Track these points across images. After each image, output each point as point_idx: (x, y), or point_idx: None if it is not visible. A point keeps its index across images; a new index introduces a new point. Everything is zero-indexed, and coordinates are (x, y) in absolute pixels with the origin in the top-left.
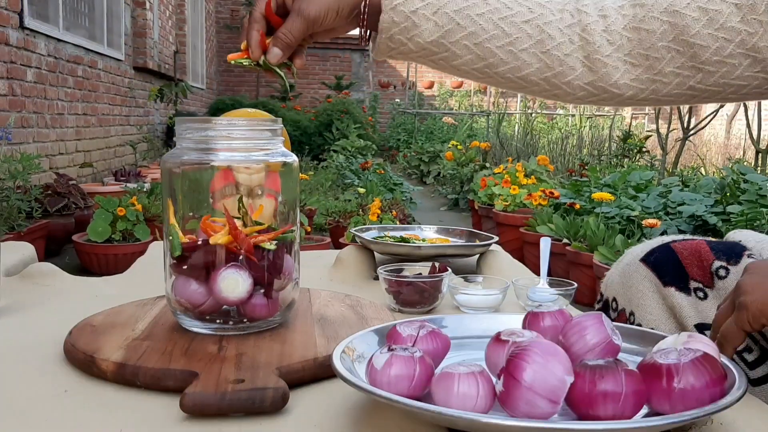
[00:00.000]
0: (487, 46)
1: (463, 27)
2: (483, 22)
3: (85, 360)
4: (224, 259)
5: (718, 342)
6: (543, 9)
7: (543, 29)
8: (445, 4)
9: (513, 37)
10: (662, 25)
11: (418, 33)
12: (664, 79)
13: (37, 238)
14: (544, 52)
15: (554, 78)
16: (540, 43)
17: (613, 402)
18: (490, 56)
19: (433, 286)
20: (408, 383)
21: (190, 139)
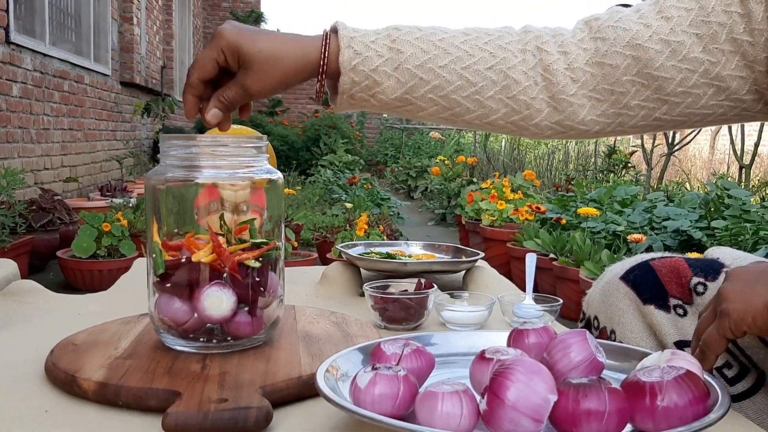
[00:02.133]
0: (452, 98)
1: (427, 81)
2: (446, 73)
3: (66, 379)
4: (208, 276)
5: (700, 350)
6: (505, 52)
7: (507, 74)
8: (406, 60)
9: (478, 86)
10: (625, 60)
11: (380, 90)
12: (630, 113)
13: (21, 254)
14: (510, 98)
15: (521, 121)
16: (505, 89)
17: (597, 420)
18: (456, 106)
19: (418, 303)
20: (392, 402)
21: (174, 156)
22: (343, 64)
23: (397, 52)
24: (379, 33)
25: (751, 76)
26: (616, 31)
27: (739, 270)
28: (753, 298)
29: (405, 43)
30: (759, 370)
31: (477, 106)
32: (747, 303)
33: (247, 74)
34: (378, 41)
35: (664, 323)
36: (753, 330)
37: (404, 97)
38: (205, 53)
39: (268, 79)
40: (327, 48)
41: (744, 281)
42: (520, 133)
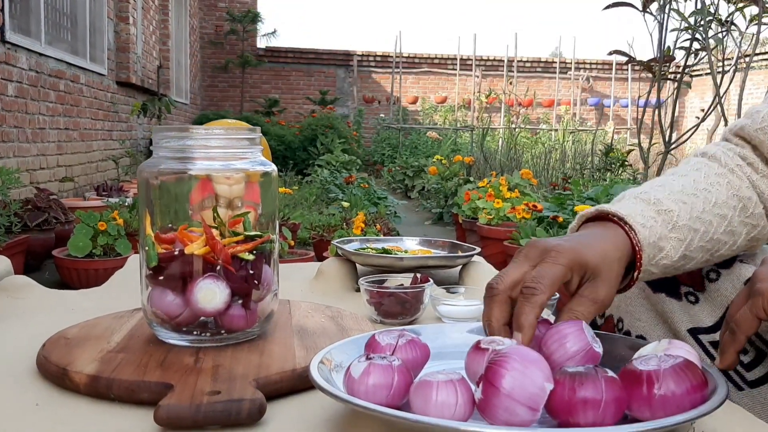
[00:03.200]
0: (716, 237)
1: (697, 231)
2: (709, 216)
3: (57, 373)
4: (201, 269)
5: (730, 330)
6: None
7: (739, 196)
8: (677, 218)
9: (728, 218)
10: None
11: (663, 255)
12: None
13: (17, 253)
14: (749, 216)
15: (758, 234)
16: (743, 210)
17: (593, 409)
18: (717, 245)
19: (414, 297)
20: (386, 392)
21: (167, 147)
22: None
23: (666, 212)
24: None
25: None
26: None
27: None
28: None
29: (666, 200)
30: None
31: (730, 236)
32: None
33: (597, 286)
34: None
35: (676, 311)
36: None
37: (684, 254)
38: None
39: (615, 284)
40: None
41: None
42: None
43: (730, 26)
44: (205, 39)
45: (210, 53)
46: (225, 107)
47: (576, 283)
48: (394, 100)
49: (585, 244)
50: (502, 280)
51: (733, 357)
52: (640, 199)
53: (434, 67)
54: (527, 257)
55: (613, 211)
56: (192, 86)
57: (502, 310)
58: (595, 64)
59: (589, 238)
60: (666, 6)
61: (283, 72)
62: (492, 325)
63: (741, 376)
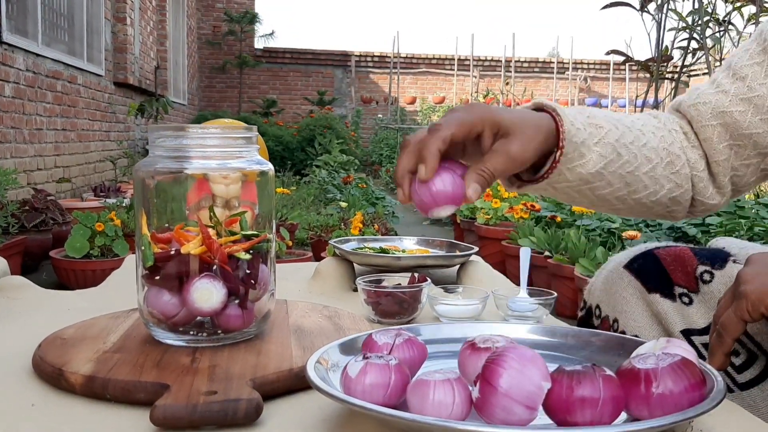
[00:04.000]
0: (636, 174)
1: (621, 156)
2: (635, 150)
3: (53, 373)
4: (198, 269)
5: (717, 333)
6: (662, 131)
7: (670, 151)
8: (606, 134)
9: (653, 163)
10: (715, 129)
11: (581, 164)
12: (737, 173)
13: (14, 254)
14: (674, 173)
15: (680, 197)
16: (670, 165)
17: (591, 408)
18: (636, 183)
19: (412, 297)
20: (383, 391)
21: (163, 147)
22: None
23: (596, 127)
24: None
25: None
26: (698, 108)
27: (758, 255)
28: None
29: (599, 118)
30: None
31: (652, 183)
32: (765, 284)
33: (510, 141)
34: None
35: (669, 312)
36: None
37: (600, 172)
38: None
39: (531, 144)
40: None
41: (763, 264)
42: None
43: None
44: (202, 39)
45: (208, 54)
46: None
47: (489, 139)
48: (392, 100)
49: (504, 110)
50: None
51: (721, 359)
52: (576, 109)
53: (432, 68)
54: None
55: (548, 103)
56: (190, 87)
57: (409, 159)
58: (592, 64)
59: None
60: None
61: (280, 72)
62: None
63: (732, 379)
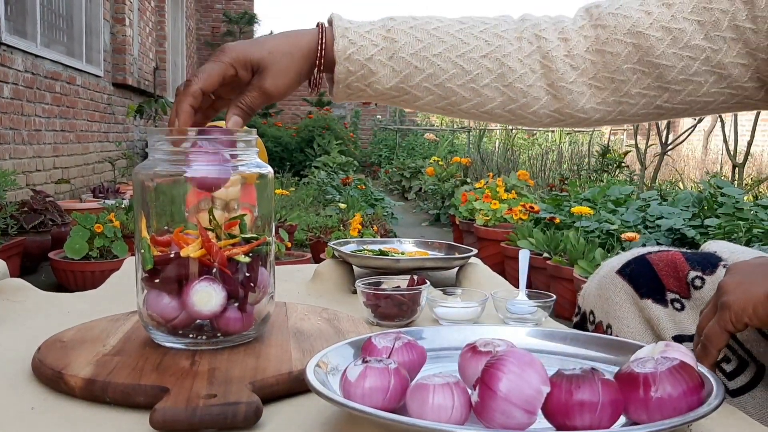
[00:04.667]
0: (448, 86)
1: (422, 69)
2: (441, 62)
3: (53, 376)
4: (197, 272)
5: (702, 345)
6: (500, 40)
7: (503, 62)
8: (400, 48)
9: (473, 74)
10: (626, 47)
11: (375, 80)
12: (630, 101)
13: (13, 256)
14: (506, 86)
15: (519, 109)
16: (501, 77)
17: (590, 412)
18: (452, 95)
19: (411, 299)
20: (383, 395)
21: (162, 150)
22: (338, 53)
23: (391, 41)
24: (374, 24)
25: (753, 64)
26: (617, 18)
27: (740, 264)
28: (753, 289)
29: (399, 32)
30: (758, 363)
31: (473, 94)
32: (747, 294)
33: (263, 77)
34: (373, 31)
35: (661, 317)
36: (754, 321)
37: (399, 86)
38: (212, 66)
39: (285, 76)
40: (323, 38)
41: (744, 273)
42: (518, 122)
43: None
44: (201, 40)
45: (207, 55)
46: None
47: (247, 78)
48: None
49: (255, 43)
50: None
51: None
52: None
53: None
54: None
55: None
56: None
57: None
58: None
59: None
60: None
61: None
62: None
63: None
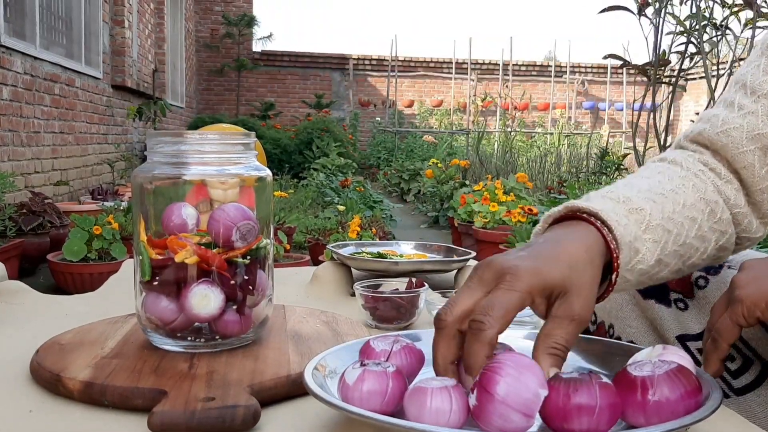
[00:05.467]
0: (687, 242)
1: (670, 232)
2: (679, 217)
3: (51, 379)
4: (196, 275)
5: (712, 339)
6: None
7: (706, 199)
8: (649, 217)
9: (698, 222)
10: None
11: (639, 260)
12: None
13: (11, 258)
14: (717, 221)
15: (724, 242)
16: (711, 215)
17: (588, 415)
18: (689, 250)
19: (409, 302)
20: (381, 399)
21: (161, 153)
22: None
23: (638, 211)
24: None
25: None
26: (730, 134)
27: (753, 261)
28: (766, 284)
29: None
30: (763, 362)
31: (701, 242)
32: (760, 289)
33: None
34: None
35: (665, 317)
36: (766, 316)
37: (659, 258)
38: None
39: (591, 295)
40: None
41: (757, 269)
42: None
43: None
44: (200, 42)
45: (206, 57)
46: (221, 111)
47: (544, 305)
48: (390, 103)
49: (548, 258)
50: (451, 311)
51: (717, 365)
52: (608, 198)
53: (430, 71)
54: (481, 281)
55: (584, 206)
56: (188, 90)
57: (449, 345)
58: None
59: (553, 247)
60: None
61: (278, 75)
62: (438, 362)
63: (728, 384)
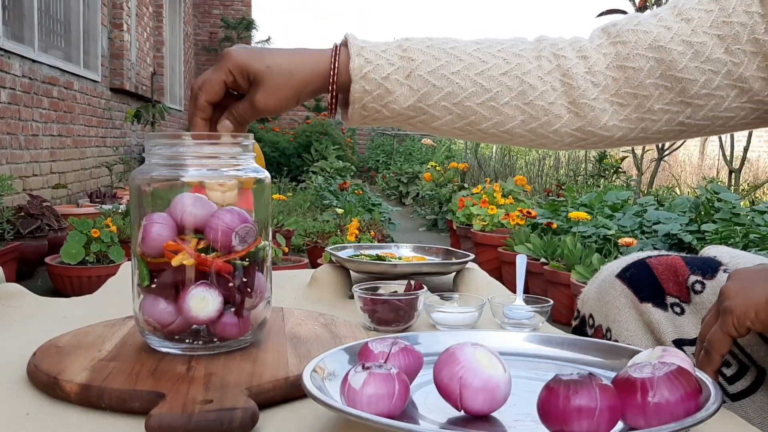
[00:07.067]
0: (467, 104)
1: (440, 88)
2: (459, 80)
3: (48, 382)
4: (194, 277)
5: (705, 350)
6: (519, 59)
7: (522, 80)
8: (417, 66)
9: (493, 92)
10: (648, 62)
11: (392, 99)
12: (653, 117)
13: (9, 261)
14: (527, 103)
15: (540, 128)
16: (521, 95)
17: (588, 417)
18: (471, 114)
19: (408, 304)
20: (388, 402)
21: (159, 155)
22: (354, 72)
23: (408, 60)
24: (389, 43)
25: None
26: (637, 34)
27: (741, 270)
28: (754, 294)
29: (416, 51)
30: (759, 368)
31: (493, 113)
32: (749, 299)
33: (257, 90)
34: (389, 51)
35: (661, 321)
36: (756, 325)
37: (417, 105)
38: (211, 75)
39: (278, 93)
40: (337, 58)
41: (745, 279)
42: (539, 143)
43: None
44: (199, 46)
45: (204, 60)
46: None
47: (244, 87)
48: None
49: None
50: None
51: (711, 376)
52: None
53: None
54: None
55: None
56: (186, 93)
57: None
58: None
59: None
60: None
61: None
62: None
63: (723, 390)
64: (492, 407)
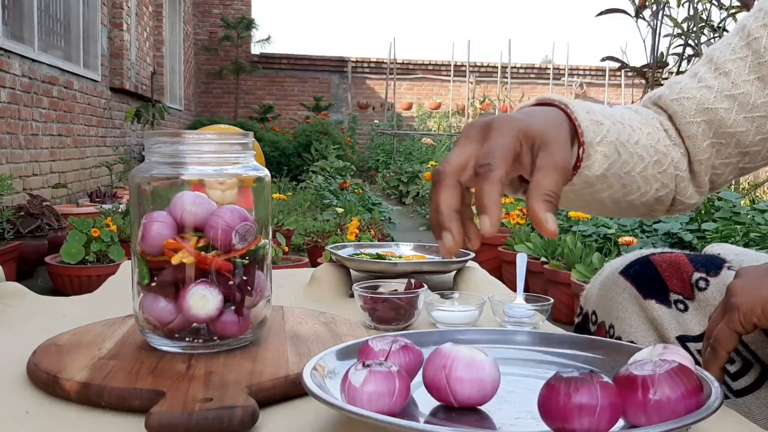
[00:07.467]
0: (632, 174)
1: (621, 156)
2: (631, 148)
3: (48, 380)
4: (194, 275)
5: (711, 347)
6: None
7: (657, 149)
8: (608, 132)
9: (645, 162)
10: (699, 126)
11: (587, 165)
12: (716, 171)
13: (9, 260)
14: (661, 172)
15: (664, 197)
16: (657, 164)
17: (589, 415)
18: (632, 183)
19: (408, 303)
20: (389, 399)
21: (159, 153)
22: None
23: (598, 124)
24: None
25: None
26: (682, 103)
27: (748, 268)
28: (761, 290)
29: (598, 114)
30: (763, 364)
31: (644, 183)
32: (756, 295)
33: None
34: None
35: (665, 318)
36: (763, 322)
37: (603, 174)
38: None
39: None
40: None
41: (752, 277)
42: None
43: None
44: (199, 45)
45: (204, 59)
46: (219, 113)
47: (528, 156)
48: (388, 106)
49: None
50: (449, 164)
51: (717, 374)
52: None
53: (428, 74)
54: (469, 138)
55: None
56: (186, 92)
57: (452, 194)
58: (588, 70)
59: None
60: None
61: (277, 78)
62: (441, 210)
63: (727, 386)
64: (481, 389)
